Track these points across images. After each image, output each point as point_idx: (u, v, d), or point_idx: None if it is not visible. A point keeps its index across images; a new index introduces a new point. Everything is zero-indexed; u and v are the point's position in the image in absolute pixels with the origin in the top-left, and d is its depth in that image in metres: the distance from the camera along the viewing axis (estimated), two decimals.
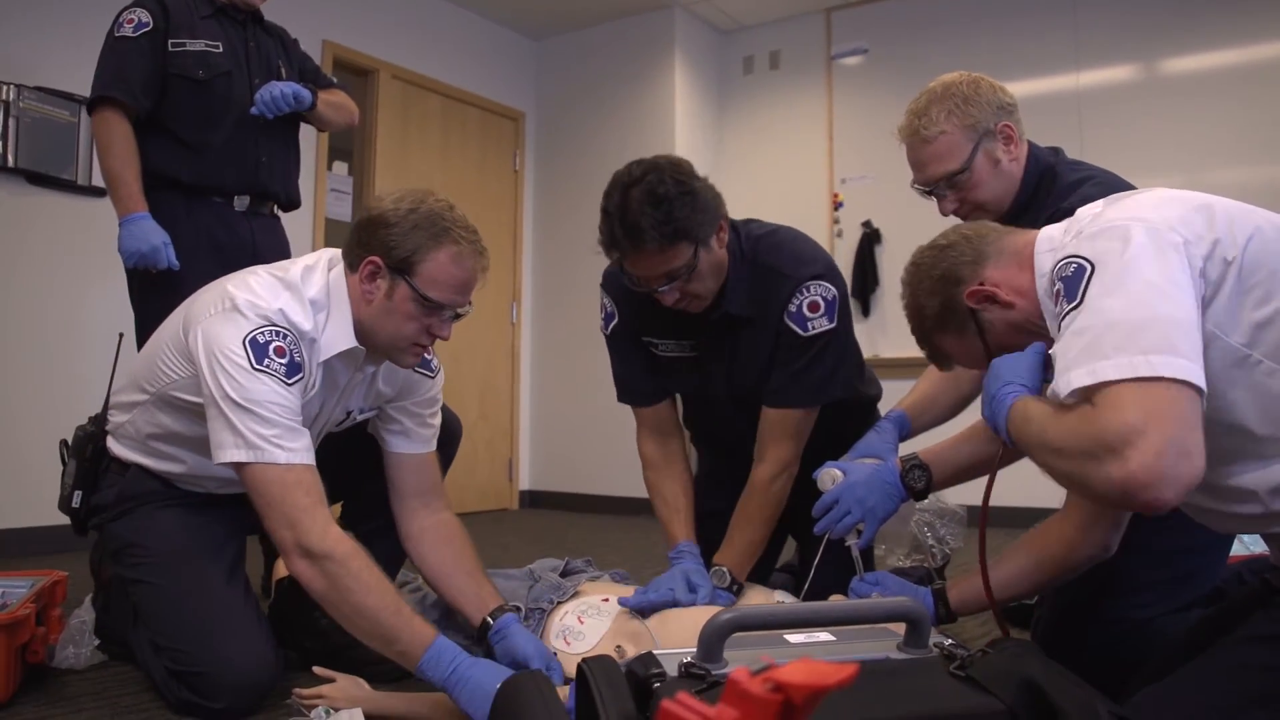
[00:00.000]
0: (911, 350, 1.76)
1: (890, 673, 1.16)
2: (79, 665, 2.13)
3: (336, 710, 1.68)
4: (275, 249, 2.86)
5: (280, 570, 2.46)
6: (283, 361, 1.78)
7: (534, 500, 6.20)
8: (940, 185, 2.01)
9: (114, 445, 2.12)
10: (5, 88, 3.79)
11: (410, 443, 2.14)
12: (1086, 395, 1.14)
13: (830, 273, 2.12)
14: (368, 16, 5.27)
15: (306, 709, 1.73)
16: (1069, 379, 1.16)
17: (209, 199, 2.73)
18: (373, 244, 1.85)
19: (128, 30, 2.63)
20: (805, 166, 5.73)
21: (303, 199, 3.06)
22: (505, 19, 6.07)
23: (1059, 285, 1.25)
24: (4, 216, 3.83)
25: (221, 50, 2.73)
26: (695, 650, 1.14)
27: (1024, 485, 1.63)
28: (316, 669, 1.86)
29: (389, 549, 2.13)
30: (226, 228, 2.75)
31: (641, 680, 1.11)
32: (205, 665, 1.82)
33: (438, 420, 2.21)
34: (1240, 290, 1.19)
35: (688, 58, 5.89)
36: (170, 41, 2.66)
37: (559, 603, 2.06)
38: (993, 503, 1.51)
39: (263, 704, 1.87)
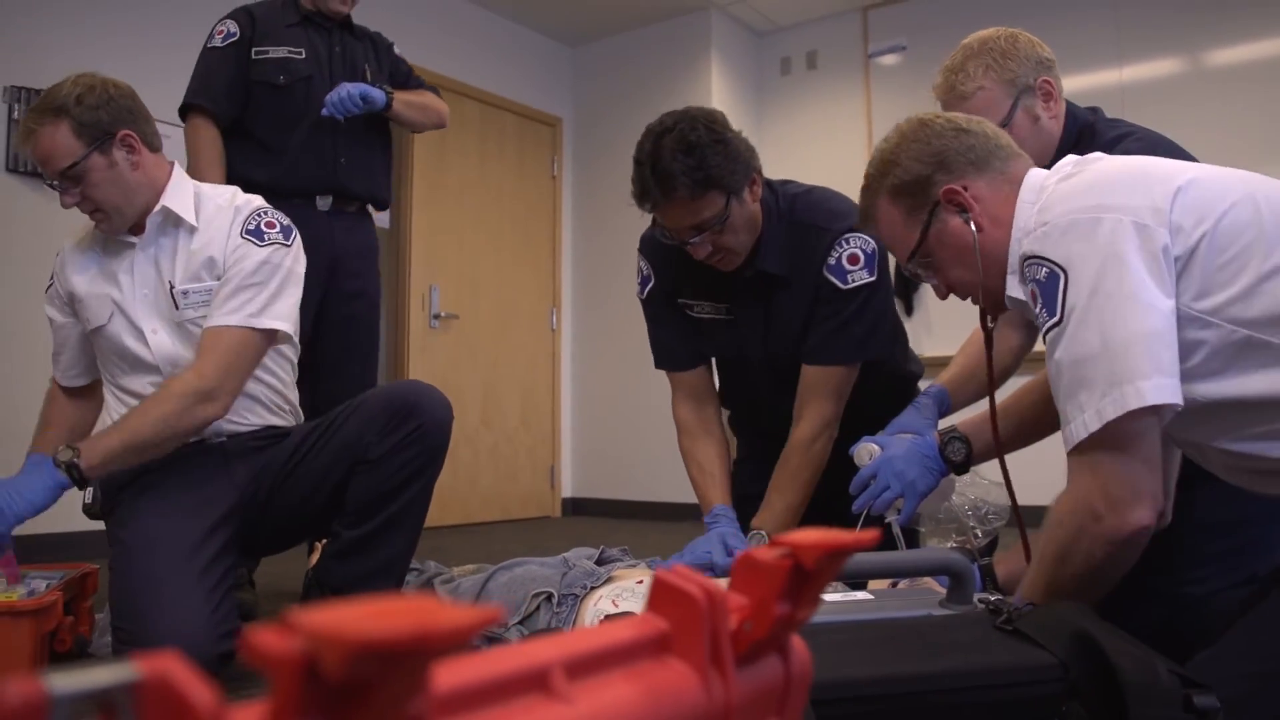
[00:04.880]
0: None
1: (934, 627, 1.10)
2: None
3: None
4: (356, 246, 2.96)
5: (313, 560, 2.43)
6: (49, 286, 2.19)
7: (576, 507, 6.16)
8: None
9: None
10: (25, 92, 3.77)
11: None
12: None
13: None
14: (404, 24, 5.27)
15: None
16: (1071, 430, 1.20)
17: (290, 200, 2.76)
18: None
19: (217, 41, 2.81)
20: (845, 166, 5.60)
21: None
22: (541, 26, 6.09)
23: (1033, 286, 1.24)
24: (32, 218, 3.84)
25: (304, 56, 2.85)
26: None
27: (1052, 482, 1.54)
28: None
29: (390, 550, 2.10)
30: (306, 227, 2.75)
31: None
32: (138, 642, 1.83)
33: (252, 291, 2.10)
34: (1210, 269, 1.16)
35: (724, 60, 5.86)
36: (254, 49, 2.81)
37: (593, 588, 2.01)
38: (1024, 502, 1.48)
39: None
